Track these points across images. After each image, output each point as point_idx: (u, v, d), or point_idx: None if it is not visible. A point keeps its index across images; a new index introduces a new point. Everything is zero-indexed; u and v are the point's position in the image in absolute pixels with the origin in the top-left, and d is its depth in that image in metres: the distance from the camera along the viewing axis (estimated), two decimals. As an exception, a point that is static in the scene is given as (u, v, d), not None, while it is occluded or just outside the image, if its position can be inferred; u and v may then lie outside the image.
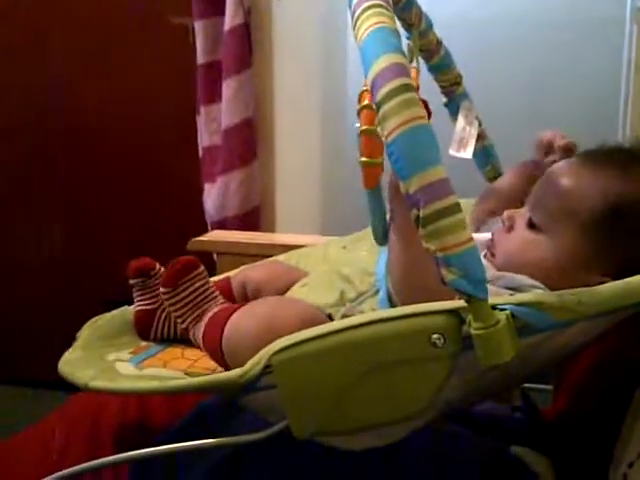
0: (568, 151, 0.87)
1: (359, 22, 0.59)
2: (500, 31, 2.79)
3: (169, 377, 0.75)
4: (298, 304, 0.80)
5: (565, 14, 2.72)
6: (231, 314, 0.78)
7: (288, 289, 0.90)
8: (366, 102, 0.66)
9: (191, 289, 0.81)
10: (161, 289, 0.82)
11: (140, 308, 0.90)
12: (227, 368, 0.74)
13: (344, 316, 0.76)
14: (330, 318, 0.78)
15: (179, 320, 0.82)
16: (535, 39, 2.78)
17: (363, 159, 0.67)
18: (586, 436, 0.88)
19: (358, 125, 0.69)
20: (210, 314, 0.80)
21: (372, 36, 0.57)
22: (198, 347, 0.82)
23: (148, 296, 0.89)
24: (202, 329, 0.80)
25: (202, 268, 0.82)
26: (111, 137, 1.93)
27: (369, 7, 0.59)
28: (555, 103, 2.79)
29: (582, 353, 0.93)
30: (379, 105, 0.55)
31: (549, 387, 1.09)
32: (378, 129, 0.64)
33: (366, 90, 0.66)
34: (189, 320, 0.81)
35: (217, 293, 0.83)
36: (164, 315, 0.89)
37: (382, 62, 0.55)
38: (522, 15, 2.76)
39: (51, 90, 1.95)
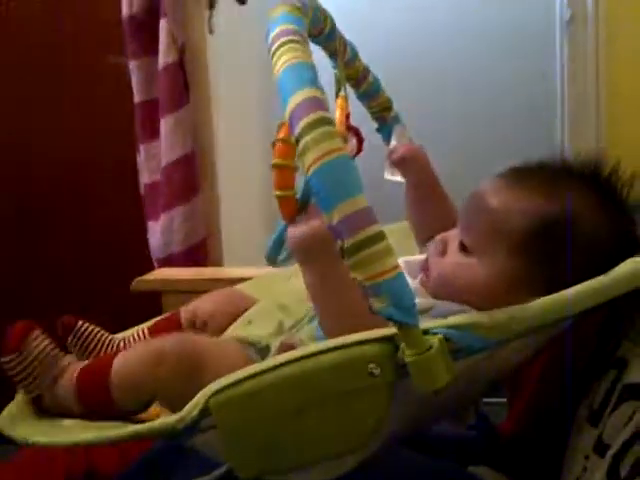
0: (398, 164, 0.91)
1: (275, 58, 0.60)
2: (431, 46, 2.86)
3: (108, 426, 0.73)
4: (181, 334, 0.82)
5: (495, 28, 2.80)
6: (111, 360, 0.76)
7: (236, 319, 0.89)
8: (281, 135, 0.66)
9: (38, 350, 0.76)
10: (3, 359, 0.76)
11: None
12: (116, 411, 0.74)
13: (281, 344, 0.76)
14: (268, 349, 0.77)
15: (31, 387, 0.76)
16: (468, 53, 2.85)
17: (277, 193, 0.68)
18: (541, 450, 0.89)
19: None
20: (74, 370, 0.76)
21: (287, 72, 0.58)
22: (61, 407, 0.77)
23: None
24: (72, 384, 0.76)
25: (40, 330, 0.78)
26: (51, 180, 1.90)
27: (284, 43, 0.60)
28: (491, 116, 2.86)
29: (531, 366, 0.93)
30: (297, 139, 0.55)
31: (504, 400, 1.09)
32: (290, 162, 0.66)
33: (284, 122, 0.66)
34: (46, 383, 0.76)
35: (61, 352, 0.79)
36: None
37: (297, 97, 0.56)
38: (452, 32, 2.84)
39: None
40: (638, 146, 1.98)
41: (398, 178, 0.94)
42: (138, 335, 0.89)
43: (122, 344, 0.87)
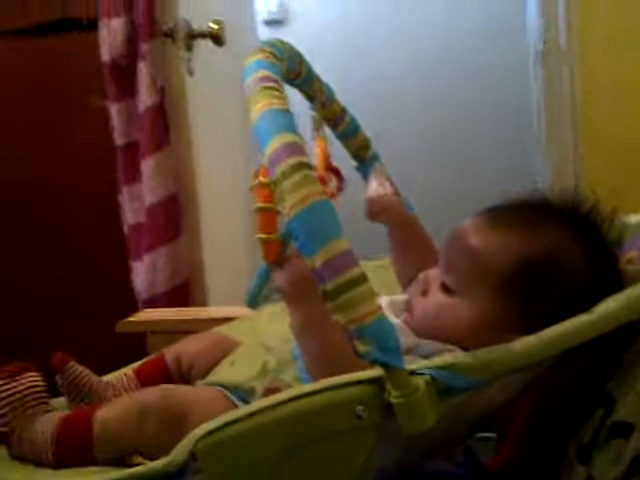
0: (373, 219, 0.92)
1: (251, 104, 0.61)
2: (410, 86, 2.90)
3: (89, 472, 0.72)
4: (161, 387, 0.81)
5: (470, 61, 2.84)
6: (91, 414, 0.76)
7: (221, 360, 0.88)
8: (260, 179, 0.67)
9: (28, 384, 0.77)
10: None
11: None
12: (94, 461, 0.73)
13: (265, 389, 0.75)
14: (253, 391, 0.77)
15: (5, 419, 0.76)
16: (444, 87, 2.89)
17: (260, 235, 0.68)
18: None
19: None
20: (55, 416, 0.76)
21: (263, 118, 0.59)
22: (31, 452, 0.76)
23: None
24: (49, 435, 0.75)
25: (36, 373, 0.79)
26: (34, 222, 1.89)
27: (260, 89, 0.61)
28: (470, 151, 2.90)
29: (519, 402, 0.93)
30: (276, 184, 0.56)
31: (492, 435, 1.08)
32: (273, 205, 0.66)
33: (262, 166, 0.67)
34: (19, 417, 0.76)
35: (47, 399, 0.79)
36: None
37: (274, 143, 0.57)
38: (428, 67, 2.88)
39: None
40: (612, 175, 2.00)
41: None
42: (124, 379, 0.89)
43: (109, 388, 0.86)
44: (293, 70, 0.80)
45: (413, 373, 0.57)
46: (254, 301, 0.85)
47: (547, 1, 2.25)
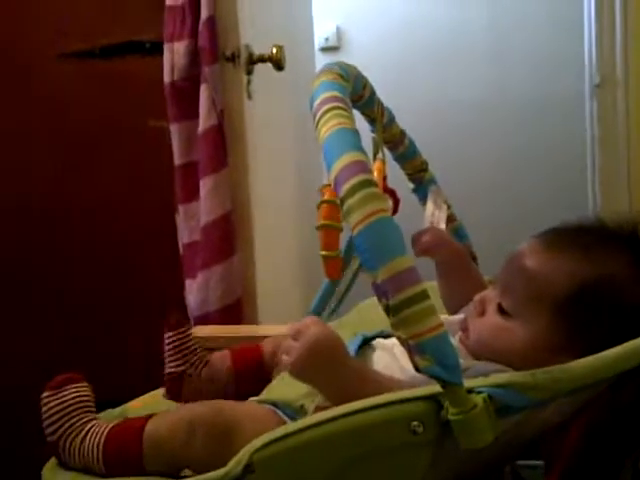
0: (423, 254, 0.92)
1: (320, 123, 0.62)
2: (466, 114, 2.91)
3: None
4: (211, 401, 0.82)
5: (527, 94, 2.85)
6: (143, 422, 0.76)
7: None
8: (325, 197, 0.69)
9: (74, 396, 0.78)
10: (45, 393, 0.78)
11: (170, 370, 0.90)
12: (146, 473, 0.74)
13: (317, 406, 0.75)
14: (302, 409, 0.77)
15: (52, 428, 0.77)
16: (500, 119, 2.90)
17: (322, 252, 0.70)
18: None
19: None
20: (104, 427, 0.77)
21: (332, 136, 0.60)
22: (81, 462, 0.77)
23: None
24: (99, 444, 0.75)
25: (85, 383, 0.80)
26: (92, 240, 1.94)
27: (329, 109, 0.63)
28: (523, 179, 2.89)
29: (569, 427, 0.93)
30: (342, 201, 0.58)
31: (540, 462, 1.07)
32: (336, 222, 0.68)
33: (326, 185, 0.69)
34: (66, 427, 0.77)
35: (94, 409, 0.80)
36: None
37: (343, 160, 0.58)
38: (486, 96, 2.89)
39: (34, 194, 1.97)
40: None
41: None
42: (222, 359, 0.92)
43: (205, 366, 0.90)
44: (357, 92, 0.82)
45: (471, 391, 0.58)
46: (317, 313, 0.86)
47: (604, 36, 2.25)
